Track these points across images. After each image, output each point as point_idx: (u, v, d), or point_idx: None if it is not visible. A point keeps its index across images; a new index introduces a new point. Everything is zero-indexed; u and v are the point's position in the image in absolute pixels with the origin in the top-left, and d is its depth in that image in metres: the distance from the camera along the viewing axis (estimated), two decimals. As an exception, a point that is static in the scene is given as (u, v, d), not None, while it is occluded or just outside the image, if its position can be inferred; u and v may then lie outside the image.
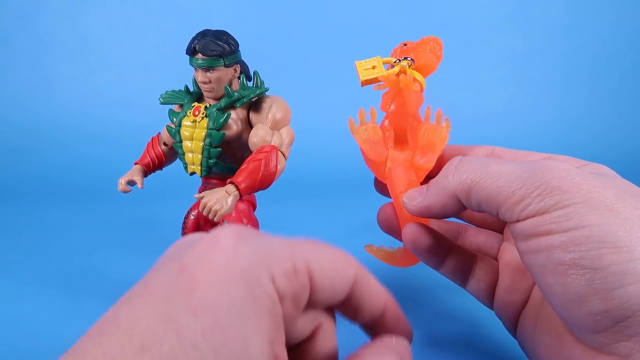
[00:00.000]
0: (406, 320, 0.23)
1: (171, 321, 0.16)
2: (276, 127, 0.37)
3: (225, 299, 0.16)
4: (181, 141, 0.38)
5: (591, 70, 1.02)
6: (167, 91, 0.40)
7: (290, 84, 0.59)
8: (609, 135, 0.96)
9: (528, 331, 0.27)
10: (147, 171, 0.40)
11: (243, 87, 0.37)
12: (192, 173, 0.39)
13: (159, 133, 0.41)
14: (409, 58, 0.34)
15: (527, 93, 1.01)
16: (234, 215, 0.37)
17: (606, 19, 1.02)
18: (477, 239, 0.33)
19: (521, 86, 1.02)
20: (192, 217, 0.41)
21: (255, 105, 0.38)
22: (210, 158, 0.37)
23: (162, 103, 0.40)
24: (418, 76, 0.34)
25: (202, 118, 0.37)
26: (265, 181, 0.35)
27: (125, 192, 0.38)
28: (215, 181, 0.39)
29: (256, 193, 0.38)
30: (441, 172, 0.27)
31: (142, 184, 0.39)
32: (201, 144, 0.37)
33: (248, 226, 0.21)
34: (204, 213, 0.34)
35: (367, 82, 0.34)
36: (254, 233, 0.20)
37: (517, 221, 0.22)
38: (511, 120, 0.97)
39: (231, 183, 0.34)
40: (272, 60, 0.81)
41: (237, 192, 0.34)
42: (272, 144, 0.36)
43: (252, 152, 0.36)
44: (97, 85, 0.97)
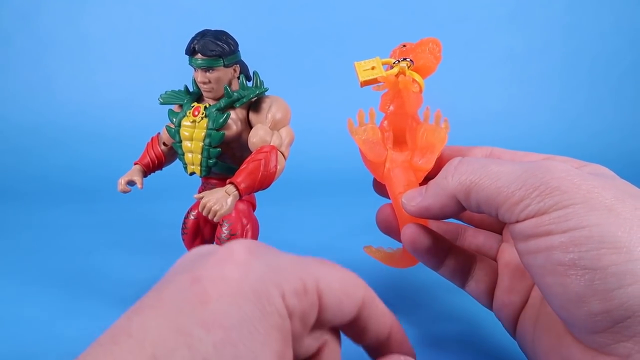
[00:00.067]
0: (410, 345, 0.24)
1: (183, 333, 0.16)
2: (276, 127, 0.37)
3: (236, 314, 0.17)
4: (181, 141, 0.38)
5: (591, 70, 1.02)
6: (167, 91, 0.40)
7: (290, 84, 0.59)
8: (609, 135, 0.96)
9: (527, 332, 0.27)
10: (147, 171, 0.40)
11: (242, 87, 0.37)
12: (192, 173, 0.39)
13: (159, 133, 0.41)
14: (408, 59, 0.34)
15: (527, 93, 1.01)
16: (234, 215, 0.37)
17: (606, 19, 1.02)
18: (476, 240, 0.34)
19: (521, 86, 1.01)
20: (192, 217, 0.41)
21: (254, 105, 0.38)
22: (209, 158, 0.37)
23: (162, 103, 0.40)
24: (417, 77, 0.34)
25: (202, 118, 0.37)
26: (265, 181, 0.35)
27: (125, 192, 0.38)
28: (214, 181, 0.39)
29: (256, 193, 0.38)
30: (440, 173, 0.27)
31: (142, 184, 0.39)
32: (201, 144, 0.37)
33: (261, 243, 0.21)
34: (204, 213, 0.34)
35: (367, 83, 0.34)
36: (266, 249, 0.20)
37: (517, 222, 0.22)
38: (511, 120, 0.97)
39: (231, 183, 0.34)
40: (272, 60, 0.81)
41: (237, 192, 0.34)
42: (272, 144, 0.36)
43: (252, 152, 0.36)
44: (97, 85, 0.97)
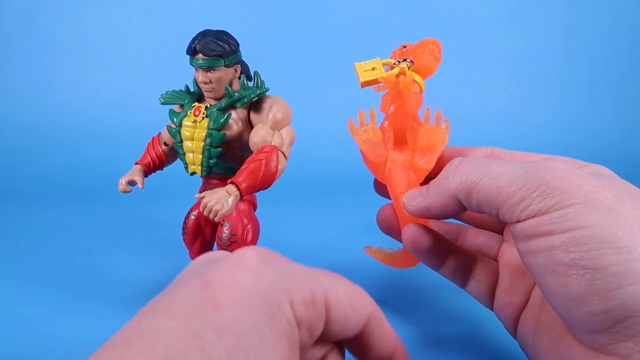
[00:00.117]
0: None
1: (196, 337, 0.16)
2: (277, 127, 0.37)
3: (247, 320, 0.17)
4: (182, 141, 0.38)
5: (591, 70, 1.02)
6: (168, 91, 0.40)
7: (290, 84, 0.59)
8: (609, 135, 0.96)
9: (528, 332, 0.27)
10: (148, 171, 0.40)
11: (243, 87, 0.37)
12: (193, 173, 0.39)
13: (160, 133, 0.41)
14: (409, 60, 0.34)
15: (527, 93, 1.01)
16: (235, 215, 0.38)
17: (606, 19, 1.02)
18: (477, 240, 0.34)
19: (521, 86, 1.01)
20: (193, 217, 0.41)
21: (255, 105, 0.38)
22: (210, 158, 0.37)
23: (163, 103, 0.40)
24: (417, 78, 0.34)
25: (203, 118, 0.37)
26: (265, 181, 0.35)
27: (125, 192, 0.38)
28: (215, 181, 0.39)
29: (257, 193, 0.38)
30: (441, 173, 0.27)
31: (143, 184, 0.39)
32: (202, 144, 0.37)
33: (272, 250, 0.21)
34: (205, 213, 0.34)
35: (367, 84, 0.34)
36: (277, 257, 0.21)
37: (518, 222, 0.22)
38: (511, 120, 0.97)
39: (232, 183, 0.34)
40: (273, 60, 0.81)
41: (238, 192, 0.34)
42: (273, 144, 0.36)
43: (253, 152, 0.36)
44: (97, 85, 0.97)
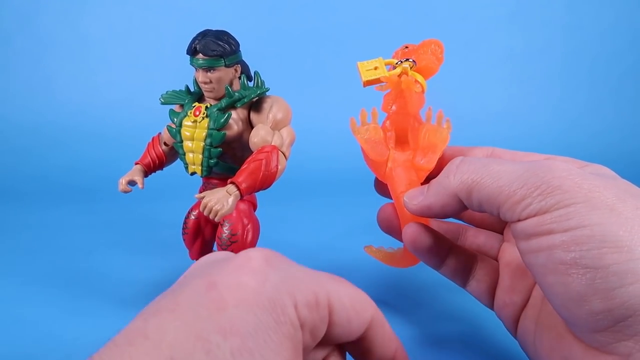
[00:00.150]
0: None
1: (201, 338, 0.16)
2: (277, 127, 0.37)
3: (252, 322, 0.17)
4: (182, 141, 0.38)
5: (591, 70, 1.02)
6: (168, 91, 0.40)
7: (290, 84, 0.59)
8: (609, 135, 0.96)
9: (528, 331, 0.27)
10: (148, 171, 0.40)
11: (244, 87, 0.37)
12: (193, 173, 0.39)
13: (160, 133, 0.41)
14: (411, 60, 0.34)
15: (527, 93, 1.01)
16: (235, 215, 0.38)
17: (606, 19, 1.02)
18: (477, 240, 0.34)
19: (521, 86, 1.01)
20: (193, 217, 0.41)
21: (255, 105, 0.38)
22: (210, 158, 0.37)
23: (163, 103, 0.40)
24: (419, 78, 0.34)
25: (203, 118, 0.37)
26: (266, 181, 0.35)
27: (125, 192, 0.38)
28: (216, 181, 0.39)
29: (257, 193, 0.38)
30: (442, 172, 0.27)
31: (143, 184, 0.39)
32: (202, 144, 0.37)
33: (277, 252, 0.21)
34: (205, 213, 0.34)
35: (369, 83, 0.34)
36: (282, 259, 0.21)
37: (518, 220, 0.22)
38: (511, 120, 0.97)
39: (232, 183, 0.34)
40: (273, 60, 0.81)
41: (238, 192, 0.34)
42: (273, 144, 0.36)
43: (253, 152, 0.36)
44: (97, 85, 0.97)
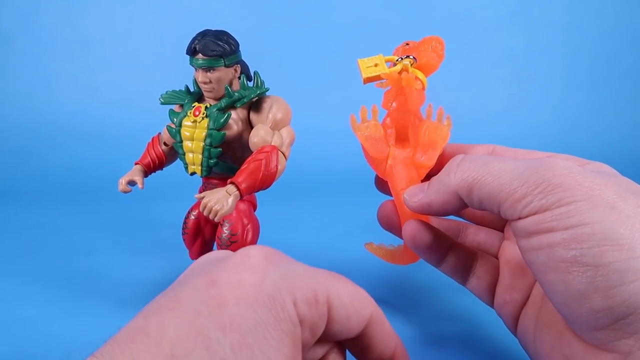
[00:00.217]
0: None
1: (201, 335, 0.16)
2: (277, 127, 0.37)
3: (252, 318, 0.17)
4: (181, 141, 0.38)
5: (591, 70, 1.02)
6: (168, 91, 0.40)
7: (290, 84, 0.59)
8: (609, 135, 0.96)
9: (528, 329, 0.27)
10: (148, 171, 0.40)
11: (243, 87, 0.37)
12: (193, 173, 0.39)
13: (159, 133, 0.41)
14: (411, 56, 0.34)
15: (527, 93, 1.01)
16: (235, 215, 0.37)
17: (606, 19, 1.02)
18: (478, 237, 0.34)
19: (521, 86, 1.01)
20: (193, 217, 0.41)
21: (255, 105, 0.38)
22: (210, 158, 0.37)
23: (163, 103, 0.40)
24: (420, 75, 0.34)
25: (203, 118, 0.37)
26: (265, 181, 0.35)
27: (125, 192, 0.38)
28: (215, 181, 0.39)
29: (257, 193, 0.38)
30: (443, 170, 0.27)
31: (143, 184, 0.39)
32: (202, 144, 0.37)
33: (276, 250, 0.22)
34: (205, 213, 0.33)
35: (370, 80, 0.34)
36: (281, 257, 0.21)
37: (519, 218, 0.22)
38: (511, 120, 0.97)
39: (232, 183, 0.34)
40: (273, 60, 0.81)
41: (238, 192, 0.34)
42: (273, 144, 0.36)
43: (253, 152, 0.36)
44: (97, 85, 0.97)
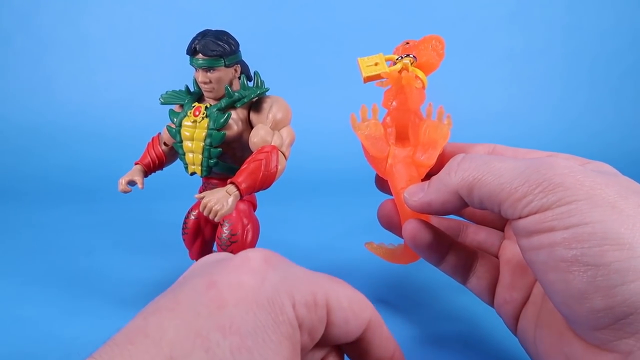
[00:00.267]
0: None
1: (200, 336, 0.16)
2: (277, 127, 0.37)
3: (252, 321, 0.17)
4: (181, 141, 0.38)
5: (591, 70, 1.02)
6: (168, 91, 0.40)
7: (290, 84, 0.59)
8: (609, 135, 0.96)
9: (529, 329, 0.27)
10: (148, 171, 0.40)
11: (243, 87, 0.37)
12: (193, 173, 0.39)
13: (159, 133, 0.41)
14: (412, 55, 0.34)
15: (527, 93, 1.01)
16: (235, 215, 0.37)
17: (606, 19, 1.02)
18: (478, 237, 0.34)
19: (521, 86, 1.01)
20: (193, 217, 0.41)
21: (255, 105, 0.38)
22: (210, 158, 0.37)
23: (163, 103, 0.40)
24: (420, 74, 0.34)
25: (203, 118, 0.37)
26: (265, 181, 0.35)
27: (125, 192, 0.38)
28: (215, 181, 0.39)
29: (257, 193, 0.38)
30: (443, 169, 0.27)
31: (143, 184, 0.39)
32: (202, 144, 0.37)
33: (276, 253, 0.22)
34: (205, 213, 0.33)
35: (370, 79, 0.34)
36: (281, 260, 0.21)
37: (520, 218, 0.22)
38: (511, 120, 0.97)
39: (232, 183, 0.34)
40: (273, 60, 0.81)
41: (238, 192, 0.34)
42: (273, 144, 0.36)
43: (253, 152, 0.36)
44: (97, 85, 0.97)
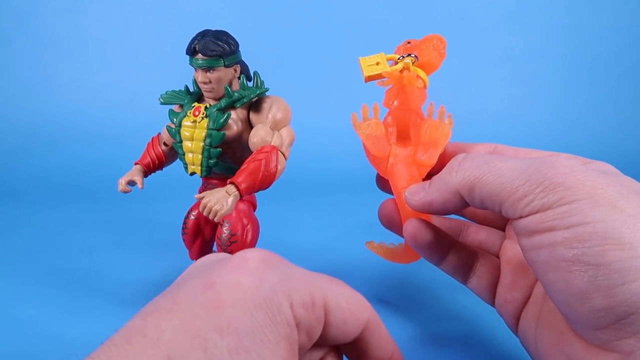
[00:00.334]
0: None
1: (198, 337, 0.16)
2: (276, 127, 0.37)
3: (249, 321, 0.17)
4: (181, 141, 0.38)
5: (591, 70, 1.02)
6: (167, 91, 0.40)
7: (290, 84, 0.59)
8: (609, 135, 0.96)
9: (529, 328, 0.26)
10: (147, 171, 0.40)
11: (243, 88, 0.37)
12: (192, 173, 0.39)
13: (159, 133, 0.41)
14: (413, 55, 0.34)
15: (527, 93, 1.01)
16: (234, 215, 0.37)
17: (606, 19, 1.02)
18: (479, 236, 0.34)
19: (521, 86, 1.01)
20: (193, 218, 0.40)
21: (255, 105, 0.38)
22: (210, 158, 0.37)
23: (162, 103, 0.39)
24: (421, 73, 0.34)
25: (202, 118, 0.37)
26: (265, 181, 0.35)
27: (125, 192, 0.38)
28: (215, 181, 0.39)
29: (256, 193, 0.38)
30: (444, 169, 0.27)
31: (143, 184, 0.39)
32: (201, 144, 0.37)
33: (274, 253, 0.22)
34: (204, 213, 0.33)
35: (371, 78, 0.34)
36: (279, 260, 0.21)
37: (520, 217, 0.22)
38: (511, 120, 0.97)
39: (231, 183, 0.34)
40: (272, 60, 0.81)
41: (238, 193, 0.34)
42: (273, 144, 0.36)
43: (253, 152, 0.36)
44: (97, 85, 0.96)
